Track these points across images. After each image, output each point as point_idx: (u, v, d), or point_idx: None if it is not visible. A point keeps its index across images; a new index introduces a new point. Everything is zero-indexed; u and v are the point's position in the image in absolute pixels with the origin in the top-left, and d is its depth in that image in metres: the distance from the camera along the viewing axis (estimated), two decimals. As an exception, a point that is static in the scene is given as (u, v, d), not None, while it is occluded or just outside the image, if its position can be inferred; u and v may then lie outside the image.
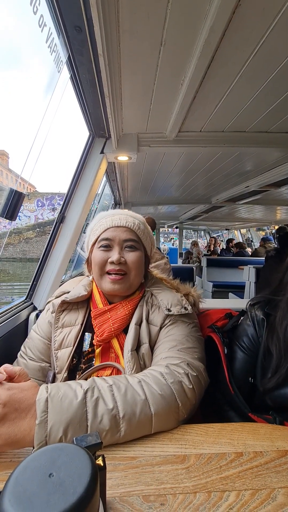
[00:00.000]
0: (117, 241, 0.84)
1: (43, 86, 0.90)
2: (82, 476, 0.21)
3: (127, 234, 0.85)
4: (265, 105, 1.20)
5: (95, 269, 0.84)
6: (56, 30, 0.74)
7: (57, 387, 0.56)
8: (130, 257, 0.83)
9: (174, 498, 0.45)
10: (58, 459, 0.22)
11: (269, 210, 5.10)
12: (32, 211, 26.31)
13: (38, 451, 0.24)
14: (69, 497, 0.19)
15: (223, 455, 0.55)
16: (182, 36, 0.77)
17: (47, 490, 0.20)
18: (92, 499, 0.20)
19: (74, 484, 0.20)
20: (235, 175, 2.57)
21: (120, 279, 0.82)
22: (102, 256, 0.83)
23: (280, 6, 0.67)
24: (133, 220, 0.87)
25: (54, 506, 0.19)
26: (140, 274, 0.87)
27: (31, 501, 0.19)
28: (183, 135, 1.49)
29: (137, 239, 0.86)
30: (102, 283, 0.84)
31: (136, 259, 0.84)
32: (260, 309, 0.95)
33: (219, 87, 1.05)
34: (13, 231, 23.91)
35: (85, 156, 1.49)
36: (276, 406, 0.82)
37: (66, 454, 0.23)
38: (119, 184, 2.75)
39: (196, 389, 0.68)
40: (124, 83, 1.03)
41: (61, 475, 0.21)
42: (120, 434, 0.55)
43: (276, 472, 0.51)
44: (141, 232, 0.88)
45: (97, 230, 0.87)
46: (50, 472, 0.21)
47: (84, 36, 0.73)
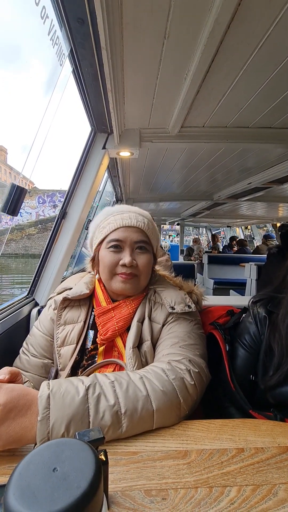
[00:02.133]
0: (128, 243, 0.81)
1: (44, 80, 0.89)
2: (86, 470, 0.21)
3: (138, 235, 0.82)
4: (269, 100, 1.18)
5: (104, 270, 0.82)
6: (59, 22, 0.73)
7: (58, 383, 0.56)
8: (141, 260, 0.82)
9: (176, 493, 0.46)
10: (61, 453, 0.22)
11: (271, 207, 5.07)
12: (33, 208, 26.40)
13: (41, 446, 0.24)
14: (73, 492, 0.19)
15: (224, 451, 0.55)
16: (186, 28, 0.76)
17: (51, 484, 0.20)
18: (96, 494, 0.20)
19: (78, 478, 0.20)
20: (237, 171, 2.55)
21: (131, 279, 0.81)
22: (113, 257, 0.80)
23: (286, -2, 0.66)
24: (143, 219, 0.84)
25: (58, 501, 0.19)
26: (149, 276, 0.87)
27: (36, 496, 0.19)
28: (185, 130, 1.47)
29: (147, 240, 0.84)
30: (112, 283, 0.82)
31: (147, 262, 0.83)
32: (263, 306, 0.94)
33: (223, 82, 1.04)
34: (15, 227, 24.12)
35: (87, 152, 1.48)
36: (277, 404, 0.83)
37: (69, 448, 0.23)
38: (120, 180, 2.74)
39: (197, 385, 0.68)
40: (127, 77, 1.01)
41: (65, 470, 0.21)
42: (122, 430, 0.55)
43: (277, 468, 0.51)
44: (151, 232, 0.86)
45: (104, 229, 0.83)
46: (54, 467, 0.21)
47: (87, 28, 0.72)
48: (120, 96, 1.12)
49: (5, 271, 16.79)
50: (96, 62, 0.85)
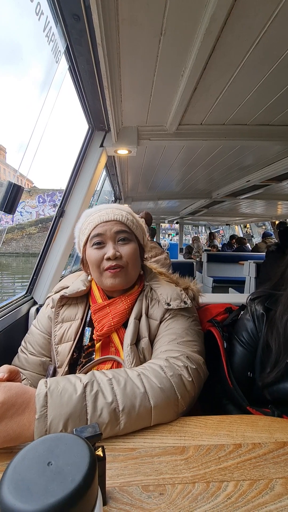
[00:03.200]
0: (109, 236, 0.82)
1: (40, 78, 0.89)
2: (80, 464, 0.21)
3: (118, 226, 0.83)
4: (267, 97, 1.18)
5: (92, 268, 0.83)
6: (54, 18, 0.72)
7: (56, 381, 0.56)
8: (125, 250, 0.82)
9: (173, 488, 0.46)
10: (56, 448, 0.22)
11: (270, 205, 5.07)
12: (34, 207, 26.48)
13: (36, 441, 0.24)
14: (67, 485, 0.19)
15: (222, 446, 0.55)
16: (182, 25, 0.76)
17: (45, 478, 0.20)
18: (90, 487, 0.20)
19: (73, 472, 0.20)
20: (236, 169, 2.55)
21: (119, 271, 0.81)
22: (97, 254, 0.81)
23: (283, -7, 0.65)
24: (120, 212, 0.85)
25: (53, 494, 0.19)
26: (137, 266, 0.86)
27: (30, 489, 0.19)
28: (183, 128, 1.47)
29: (128, 230, 0.85)
30: (102, 281, 0.83)
31: (131, 251, 0.83)
32: (260, 303, 0.95)
33: (220, 79, 1.03)
34: (15, 226, 24.23)
35: (85, 150, 1.47)
36: (275, 400, 0.83)
37: (64, 443, 0.23)
38: (119, 178, 2.73)
39: (195, 382, 0.68)
40: (124, 74, 1.01)
41: (60, 464, 0.21)
42: (120, 427, 0.56)
43: (274, 463, 0.52)
44: (131, 222, 0.86)
45: (86, 229, 0.85)
46: (49, 461, 0.21)
47: (83, 25, 0.71)
48: (117, 94, 1.12)
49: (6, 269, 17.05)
50: (93, 59, 0.85)
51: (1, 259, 21.70)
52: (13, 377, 0.60)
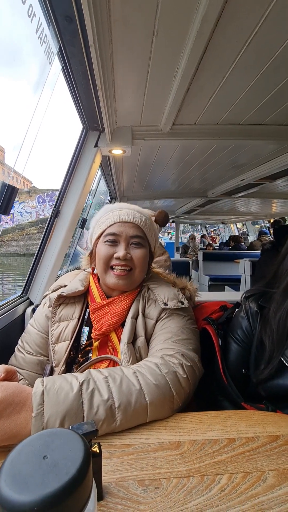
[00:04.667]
0: (124, 237, 0.83)
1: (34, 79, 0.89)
2: (75, 457, 0.22)
3: (134, 230, 0.85)
4: (259, 97, 1.19)
5: (99, 263, 0.84)
6: (46, 20, 0.72)
7: (52, 380, 0.57)
8: (136, 254, 0.84)
9: (168, 482, 0.47)
10: (52, 442, 0.23)
11: (265, 204, 5.11)
12: (34, 208, 26.42)
13: (33, 436, 0.25)
14: (62, 477, 0.20)
15: (216, 441, 0.57)
16: (174, 26, 0.76)
17: (41, 471, 0.21)
18: (84, 479, 0.21)
19: (68, 465, 0.21)
20: (230, 168, 2.56)
21: (125, 275, 0.83)
22: (108, 250, 0.83)
23: (272, -4, 0.67)
24: (140, 216, 0.87)
25: (48, 485, 0.20)
26: (144, 271, 0.88)
27: (26, 482, 0.20)
28: (177, 127, 1.48)
29: (143, 235, 0.86)
30: (106, 278, 0.84)
31: (142, 256, 0.84)
32: (255, 301, 0.96)
33: (213, 79, 1.05)
34: (16, 227, 24.20)
35: (79, 150, 1.48)
36: (269, 396, 0.85)
37: (60, 438, 0.24)
38: (114, 178, 2.73)
39: (190, 379, 0.69)
40: (117, 75, 1.01)
41: (55, 457, 0.22)
42: (116, 424, 0.56)
43: (267, 456, 0.53)
44: (147, 228, 0.88)
45: (103, 224, 0.86)
46: (44, 455, 0.22)
47: (75, 26, 0.71)
48: (110, 94, 1.12)
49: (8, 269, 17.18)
50: (85, 59, 0.85)
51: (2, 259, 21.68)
52: (10, 376, 0.60)
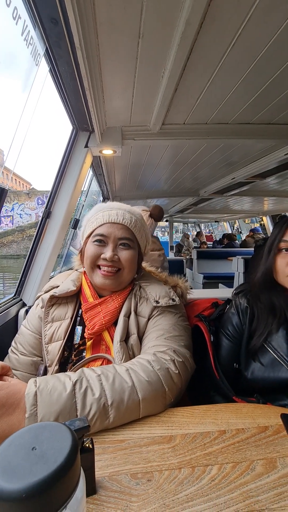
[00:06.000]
0: (112, 238, 0.84)
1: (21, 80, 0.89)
2: (63, 447, 0.23)
3: (123, 231, 0.85)
4: (246, 97, 1.21)
5: (86, 262, 0.85)
6: (32, 22, 0.72)
7: (45, 380, 0.57)
8: (124, 255, 0.84)
9: (160, 474, 0.48)
10: (41, 435, 0.24)
11: (257, 201, 5.16)
12: (33, 209, 26.18)
13: (22, 429, 0.25)
14: (50, 466, 0.21)
15: (207, 433, 0.58)
16: (159, 28, 0.78)
17: (30, 461, 0.22)
18: (72, 467, 0.22)
19: (56, 455, 0.22)
20: (221, 167, 2.59)
21: (112, 275, 0.83)
22: (96, 250, 0.83)
23: None
24: (131, 217, 0.87)
25: (36, 474, 0.20)
26: (132, 271, 0.88)
27: (15, 471, 0.21)
28: (167, 127, 1.49)
29: (132, 237, 0.87)
30: (93, 277, 0.85)
31: (130, 257, 0.85)
32: (244, 297, 0.98)
33: (199, 79, 1.06)
34: (16, 229, 23.98)
35: (69, 150, 1.48)
36: (260, 389, 0.87)
37: (48, 430, 0.25)
38: (106, 178, 2.73)
39: (182, 374, 0.70)
40: (105, 76, 1.02)
41: (44, 448, 0.23)
42: (109, 421, 0.57)
43: (256, 446, 0.55)
44: (137, 230, 0.88)
45: (93, 223, 0.86)
46: (33, 446, 0.23)
47: (61, 28, 0.72)
48: (99, 95, 1.13)
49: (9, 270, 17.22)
50: (73, 61, 0.86)
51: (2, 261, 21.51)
52: (5, 372, 0.61)
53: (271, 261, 0.90)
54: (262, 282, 0.93)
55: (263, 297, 0.92)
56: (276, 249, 0.89)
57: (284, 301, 0.89)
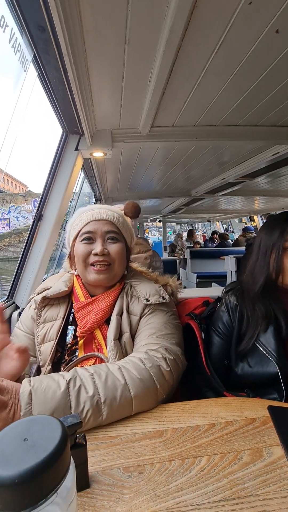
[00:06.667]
0: (99, 234, 0.86)
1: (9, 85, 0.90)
2: (53, 437, 0.24)
3: (108, 226, 0.88)
4: (232, 100, 1.25)
5: (78, 262, 0.87)
6: (19, 30, 0.74)
7: (39, 380, 0.59)
8: (113, 248, 0.86)
9: (152, 467, 0.50)
10: (32, 427, 0.26)
11: (248, 201, 5.24)
12: (29, 212, 25.94)
13: (14, 423, 0.27)
14: (40, 454, 0.23)
15: (197, 427, 0.60)
16: (144, 35, 0.80)
17: (21, 450, 0.23)
18: (62, 455, 0.24)
19: (46, 444, 0.24)
20: (211, 167, 2.63)
21: (105, 270, 0.85)
22: (86, 248, 0.85)
23: (234, 8, 0.71)
24: (112, 213, 0.90)
25: (27, 462, 0.22)
26: (123, 265, 0.91)
27: (7, 460, 0.22)
28: (156, 130, 1.52)
29: (117, 231, 0.90)
30: (86, 275, 0.86)
31: (119, 250, 0.87)
32: (234, 295, 1.01)
33: (186, 84, 1.09)
34: (13, 232, 23.72)
35: (60, 153, 1.49)
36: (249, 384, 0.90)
37: (39, 423, 0.26)
38: (97, 180, 2.74)
39: (173, 372, 0.72)
40: (93, 81, 1.04)
41: (34, 439, 0.24)
42: (103, 418, 0.59)
43: (244, 437, 0.57)
44: (121, 224, 0.91)
45: (77, 225, 0.89)
46: (25, 437, 0.25)
47: (48, 35, 0.73)
48: (88, 99, 1.14)
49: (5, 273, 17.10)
50: (61, 67, 0.87)
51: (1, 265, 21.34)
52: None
53: (279, 262, 0.86)
54: (263, 287, 0.89)
55: (260, 305, 0.90)
56: (281, 249, 0.86)
57: (281, 308, 0.88)
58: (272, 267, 0.89)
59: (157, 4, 0.69)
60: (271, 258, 0.89)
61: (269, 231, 0.92)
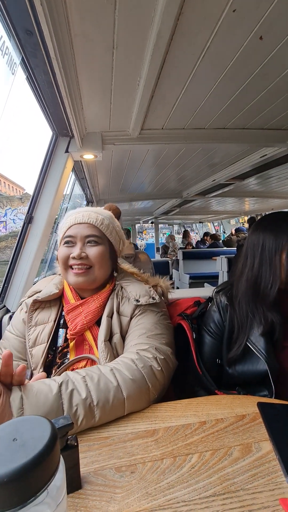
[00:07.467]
0: (79, 237, 0.87)
1: (-3, 88, 0.90)
2: (42, 436, 0.25)
3: (89, 230, 0.88)
4: (220, 103, 1.27)
5: (60, 264, 0.88)
6: (7, 33, 0.74)
7: (30, 385, 0.58)
8: (91, 251, 0.86)
9: (144, 466, 0.50)
10: (21, 427, 0.26)
11: (239, 202, 5.33)
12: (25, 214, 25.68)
13: (4, 423, 0.27)
14: (29, 453, 0.23)
15: (188, 425, 0.61)
16: (132, 40, 0.81)
17: (11, 450, 0.24)
18: (50, 454, 0.24)
19: (35, 443, 0.24)
20: (201, 169, 2.67)
21: (83, 272, 0.85)
22: (65, 252, 0.86)
23: (218, 15, 0.73)
24: (97, 216, 0.90)
25: (16, 461, 0.22)
26: (104, 268, 0.90)
27: (-3, 460, 0.23)
28: (145, 132, 1.53)
29: (100, 234, 0.89)
30: (67, 277, 0.88)
31: (98, 253, 0.87)
32: (224, 295, 1.02)
33: (174, 87, 1.11)
34: (9, 234, 23.39)
35: (50, 156, 1.48)
36: (240, 382, 0.91)
37: (29, 423, 0.27)
38: (88, 182, 2.74)
39: (164, 371, 0.73)
40: (82, 84, 1.04)
41: (24, 439, 0.25)
42: (95, 420, 0.59)
43: (234, 434, 0.58)
44: (105, 227, 0.90)
45: (62, 228, 0.90)
46: (14, 437, 0.25)
47: (36, 39, 0.74)
48: (77, 102, 1.15)
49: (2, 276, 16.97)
50: (49, 70, 0.87)
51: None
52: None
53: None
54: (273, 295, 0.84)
55: (262, 315, 0.86)
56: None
57: (277, 310, 0.85)
58: (283, 268, 0.83)
59: (144, 9, 0.70)
60: (282, 258, 0.83)
61: (274, 232, 0.85)
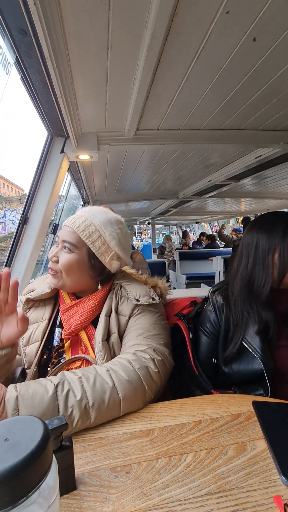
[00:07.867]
0: (60, 240, 0.86)
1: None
2: (34, 436, 0.25)
3: (68, 235, 0.84)
4: (214, 104, 1.28)
5: None
6: (1, 32, 0.74)
7: (26, 385, 0.58)
8: (61, 258, 0.83)
9: (139, 466, 0.50)
10: (13, 427, 0.26)
11: (235, 202, 5.36)
12: None
13: (-5, 424, 0.27)
14: (21, 453, 0.23)
15: (184, 425, 0.61)
16: (126, 41, 0.81)
17: (2, 450, 0.23)
18: (42, 454, 0.24)
19: (27, 443, 0.24)
20: (197, 170, 2.67)
21: (54, 275, 0.85)
22: (51, 250, 0.87)
23: (212, 17, 0.74)
24: (84, 221, 0.84)
25: (8, 460, 0.22)
26: (72, 276, 0.84)
27: (-12, 460, 0.22)
28: (141, 133, 1.53)
29: (76, 242, 0.83)
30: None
31: (66, 262, 0.82)
32: (220, 295, 1.03)
33: (169, 88, 1.11)
34: (8, 235, 23.28)
35: (45, 156, 1.48)
36: (236, 381, 0.92)
37: (21, 423, 0.27)
38: (84, 183, 2.74)
39: (161, 372, 0.73)
40: (77, 84, 1.04)
41: (16, 439, 0.24)
42: (91, 421, 0.59)
43: (228, 432, 0.58)
44: (87, 234, 0.83)
45: None
46: (6, 438, 0.25)
47: (30, 39, 0.73)
48: (72, 102, 1.15)
49: None
50: (44, 70, 0.87)
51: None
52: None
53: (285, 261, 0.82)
54: (266, 294, 0.86)
55: (256, 313, 0.87)
56: (286, 248, 0.82)
57: (271, 309, 0.87)
58: (275, 267, 0.85)
59: (138, 10, 0.70)
60: (274, 258, 0.85)
61: (268, 231, 0.87)
